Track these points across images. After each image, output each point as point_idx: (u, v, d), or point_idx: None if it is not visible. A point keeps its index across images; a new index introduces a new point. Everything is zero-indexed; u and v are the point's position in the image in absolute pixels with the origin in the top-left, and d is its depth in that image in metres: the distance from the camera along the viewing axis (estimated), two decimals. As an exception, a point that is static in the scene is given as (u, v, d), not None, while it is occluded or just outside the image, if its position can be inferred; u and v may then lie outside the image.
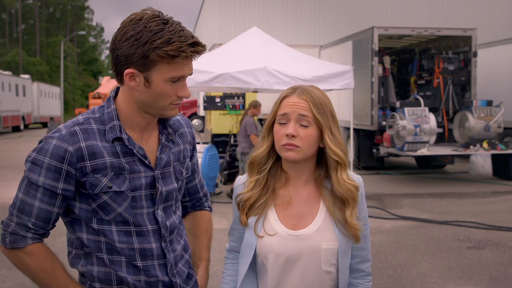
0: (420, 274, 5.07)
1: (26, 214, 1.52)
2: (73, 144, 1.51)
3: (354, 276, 1.71)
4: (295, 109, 1.60)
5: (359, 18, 21.01)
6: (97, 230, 1.57)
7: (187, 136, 1.77)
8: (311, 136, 1.60)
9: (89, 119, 1.58)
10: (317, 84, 8.70)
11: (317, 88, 1.68)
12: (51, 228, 1.59)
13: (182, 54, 1.46)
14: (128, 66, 1.49)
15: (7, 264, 4.96)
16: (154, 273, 1.61)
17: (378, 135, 11.66)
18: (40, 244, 1.56)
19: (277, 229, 1.65)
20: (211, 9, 25.53)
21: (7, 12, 57.21)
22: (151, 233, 1.61)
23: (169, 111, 1.59)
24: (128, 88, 1.55)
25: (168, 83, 1.51)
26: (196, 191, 1.92)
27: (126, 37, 1.47)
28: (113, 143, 1.56)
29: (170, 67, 1.49)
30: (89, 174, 1.52)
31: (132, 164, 1.57)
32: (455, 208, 8.21)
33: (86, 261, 1.61)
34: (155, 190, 1.61)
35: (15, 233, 1.53)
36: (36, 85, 33.69)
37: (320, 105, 1.61)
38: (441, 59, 11.73)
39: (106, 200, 1.54)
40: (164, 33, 1.45)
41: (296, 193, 1.68)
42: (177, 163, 1.70)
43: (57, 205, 1.54)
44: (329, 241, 1.61)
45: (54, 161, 1.50)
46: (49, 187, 1.51)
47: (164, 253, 1.63)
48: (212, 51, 11.39)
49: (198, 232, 1.89)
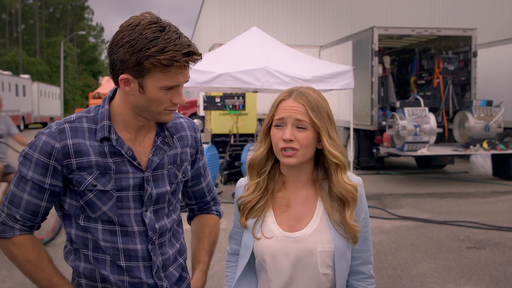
0: (420, 274, 5.07)
1: (15, 206, 1.57)
2: (60, 141, 1.54)
3: (356, 278, 1.70)
4: (291, 114, 1.60)
5: (359, 18, 21.02)
6: (83, 227, 1.60)
7: (188, 139, 1.76)
8: (308, 139, 1.60)
9: (82, 118, 1.60)
10: (317, 84, 8.74)
11: (314, 90, 1.68)
12: (41, 221, 1.63)
13: (176, 64, 1.45)
14: (123, 72, 1.50)
15: (7, 264, 4.97)
16: (138, 275, 1.61)
17: (378, 135, 11.66)
18: (27, 236, 1.61)
19: (274, 231, 1.65)
20: (211, 9, 25.53)
21: (7, 12, 57.21)
22: (137, 234, 1.61)
23: (164, 116, 1.59)
24: (124, 92, 1.56)
25: (162, 91, 1.51)
26: (203, 195, 1.91)
27: (122, 43, 1.47)
28: (102, 143, 1.57)
29: (164, 76, 1.48)
30: (75, 171, 1.55)
31: (120, 165, 1.58)
32: (455, 208, 8.21)
33: (74, 256, 1.65)
34: (144, 192, 1.61)
35: (5, 223, 1.59)
36: (36, 85, 33.68)
37: (317, 108, 1.61)
38: (441, 59, 11.73)
39: (91, 198, 1.56)
40: (158, 41, 1.44)
41: (294, 195, 1.69)
42: (172, 166, 1.69)
43: (45, 199, 1.57)
44: (325, 243, 1.61)
45: (42, 156, 1.53)
46: (37, 182, 1.55)
47: (150, 256, 1.63)
48: (212, 51, 11.40)
49: (201, 235, 1.88)
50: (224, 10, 21.75)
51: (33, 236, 1.63)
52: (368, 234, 1.70)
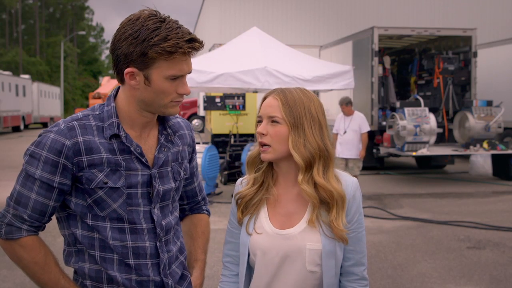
0: (420, 274, 5.07)
1: (23, 206, 1.54)
2: (70, 138, 1.53)
3: (348, 279, 1.71)
4: (266, 110, 1.66)
5: (359, 18, 21.00)
6: (91, 226, 1.58)
7: (186, 138, 1.79)
8: (280, 133, 1.62)
9: (88, 116, 1.60)
10: (317, 84, 8.75)
11: (301, 89, 1.69)
12: (47, 221, 1.61)
13: (180, 50, 1.48)
14: (128, 65, 1.51)
15: (7, 264, 4.97)
16: (146, 272, 1.62)
17: (378, 135, 11.66)
18: (34, 237, 1.58)
19: (266, 227, 1.67)
20: (211, 9, 25.53)
21: (7, 12, 57.19)
22: (146, 231, 1.62)
23: (170, 109, 1.60)
24: (129, 87, 1.57)
25: (168, 81, 1.53)
26: (195, 194, 1.93)
27: (125, 37, 1.49)
28: (110, 140, 1.57)
29: (169, 64, 1.50)
30: (86, 169, 1.54)
31: (129, 162, 1.59)
32: (455, 208, 8.21)
33: (77, 258, 1.62)
34: (152, 189, 1.62)
35: (11, 224, 1.55)
36: (36, 85, 33.68)
37: (294, 103, 1.63)
38: (441, 59, 11.73)
39: (101, 195, 1.56)
40: (161, 31, 1.47)
41: (286, 192, 1.70)
42: (175, 164, 1.71)
43: (53, 198, 1.55)
44: (314, 242, 1.62)
45: (52, 154, 1.52)
46: (46, 180, 1.53)
47: (157, 253, 1.64)
48: (212, 51, 11.40)
49: (195, 234, 1.90)
50: (224, 10, 21.74)
51: (39, 237, 1.60)
52: (361, 236, 1.69)
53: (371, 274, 4.87)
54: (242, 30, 11.58)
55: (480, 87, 12.06)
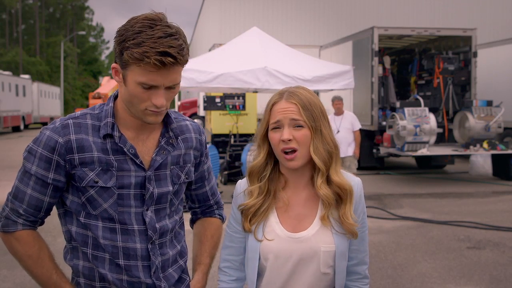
0: (420, 274, 5.07)
1: (19, 201, 1.58)
2: (63, 136, 1.55)
3: (351, 278, 1.71)
4: (286, 115, 1.60)
5: (359, 18, 21.02)
6: (84, 224, 1.60)
7: (192, 141, 1.75)
8: (306, 137, 1.61)
9: (86, 115, 1.62)
10: (317, 84, 8.76)
11: (304, 88, 1.68)
12: (44, 216, 1.63)
13: (146, 59, 1.41)
14: (115, 61, 1.54)
15: (7, 264, 4.97)
16: (136, 274, 1.61)
17: (378, 135, 11.67)
18: (30, 231, 1.61)
19: (278, 231, 1.65)
20: (211, 9, 25.54)
21: (7, 12, 57.19)
22: (137, 233, 1.61)
23: (148, 117, 1.55)
24: (119, 85, 1.58)
25: (140, 87, 1.49)
26: (206, 198, 1.90)
27: (118, 33, 1.51)
28: (104, 140, 1.58)
29: (141, 71, 1.45)
30: (77, 167, 1.56)
31: (122, 162, 1.58)
32: (455, 208, 8.21)
33: (72, 255, 1.65)
34: (146, 191, 1.61)
35: (8, 217, 1.60)
36: (36, 85, 33.68)
37: (310, 105, 1.62)
38: (441, 59, 11.73)
39: (92, 194, 1.57)
40: (141, 35, 1.42)
41: (295, 195, 1.69)
42: (176, 167, 1.69)
43: (48, 194, 1.58)
44: (328, 243, 1.62)
45: (46, 151, 1.55)
46: (41, 176, 1.56)
47: (149, 255, 1.63)
48: (212, 51, 11.40)
49: (204, 238, 1.87)
50: (224, 10, 21.75)
51: (35, 231, 1.63)
52: (365, 235, 1.71)
53: (371, 274, 4.86)
54: (242, 30, 11.59)
55: (480, 87, 12.07)
